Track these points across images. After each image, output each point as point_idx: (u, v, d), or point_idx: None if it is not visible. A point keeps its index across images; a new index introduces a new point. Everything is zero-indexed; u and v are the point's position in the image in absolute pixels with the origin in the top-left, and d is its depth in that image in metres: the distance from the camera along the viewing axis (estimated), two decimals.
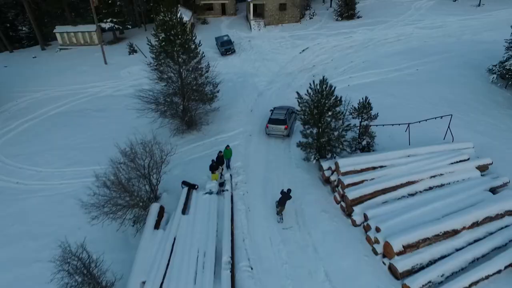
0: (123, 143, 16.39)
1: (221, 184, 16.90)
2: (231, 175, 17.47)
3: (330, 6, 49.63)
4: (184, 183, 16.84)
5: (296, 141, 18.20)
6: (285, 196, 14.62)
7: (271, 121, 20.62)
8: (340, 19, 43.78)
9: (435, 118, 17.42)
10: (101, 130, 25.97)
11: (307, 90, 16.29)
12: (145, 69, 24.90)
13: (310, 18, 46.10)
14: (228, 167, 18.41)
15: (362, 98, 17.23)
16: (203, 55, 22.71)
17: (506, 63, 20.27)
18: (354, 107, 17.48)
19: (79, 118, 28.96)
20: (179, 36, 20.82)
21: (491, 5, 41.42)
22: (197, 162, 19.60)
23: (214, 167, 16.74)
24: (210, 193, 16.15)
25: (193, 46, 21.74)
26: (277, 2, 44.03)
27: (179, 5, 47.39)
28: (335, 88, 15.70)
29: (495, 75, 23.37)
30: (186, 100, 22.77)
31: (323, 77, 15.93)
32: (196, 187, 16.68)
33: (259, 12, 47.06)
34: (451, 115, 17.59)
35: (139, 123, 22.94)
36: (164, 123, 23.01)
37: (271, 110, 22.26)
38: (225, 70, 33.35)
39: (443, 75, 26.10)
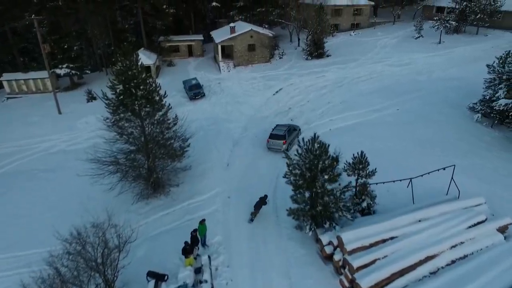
0: (74, 214, 12.76)
1: (198, 270, 13.44)
2: (209, 257, 14.08)
3: (298, 45, 49.68)
4: (150, 274, 13.20)
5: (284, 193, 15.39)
6: (261, 201, 16.53)
7: (272, 136, 22.81)
8: (310, 58, 43.44)
9: (438, 170, 15.49)
10: (49, 197, 21.70)
11: (297, 150, 13.82)
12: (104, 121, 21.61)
13: (280, 58, 45.48)
14: (204, 244, 15.06)
15: (358, 153, 15.03)
16: (170, 107, 19.87)
17: (494, 103, 19.33)
18: (349, 163, 15.19)
19: (24, 181, 24.47)
20: (141, 87, 18.02)
21: (449, 43, 43.03)
22: (166, 237, 16.08)
23: (187, 250, 13.35)
24: (184, 286, 12.63)
25: (157, 97, 18.93)
26: (246, 43, 43.09)
27: (142, 48, 45.25)
28: (329, 145, 13.34)
29: (479, 114, 22.55)
30: (152, 158, 19.54)
31: (315, 134, 13.58)
32: (166, 278, 13.11)
33: (227, 53, 45.85)
34: (454, 165, 15.81)
35: (95, 190, 19.19)
36: (126, 187, 19.40)
37: (273, 128, 23.92)
38: (195, 116, 30.75)
39: (424, 115, 25.10)
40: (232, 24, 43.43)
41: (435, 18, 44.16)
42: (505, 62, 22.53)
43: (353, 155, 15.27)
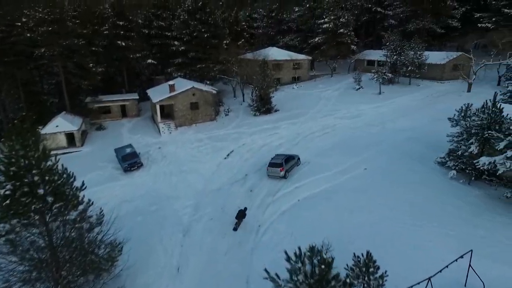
0: None
1: None
2: None
3: (243, 101, 47.53)
4: None
5: None
6: (242, 213, 19.36)
7: (270, 164, 24.78)
8: (258, 114, 41.03)
9: (456, 260, 12.20)
10: None
11: (286, 269, 9.33)
12: None
13: (226, 115, 42.35)
14: None
15: (362, 254, 11.08)
16: (91, 202, 14.24)
17: (479, 163, 17.60)
18: (351, 268, 11.11)
19: None
20: (46, 179, 12.40)
21: (389, 93, 44.57)
22: None
23: None
24: None
25: (69, 191, 13.30)
26: (188, 101, 39.31)
27: (64, 112, 38.60)
28: (333, 260, 9.13)
29: (454, 171, 20.91)
30: (62, 278, 13.27)
31: (313, 247, 9.30)
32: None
33: (167, 112, 41.40)
34: (471, 250, 12.71)
35: None
36: None
37: (272, 157, 26.03)
38: (131, 195, 24.85)
39: (396, 175, 22.92)
40: (171, 82, 39.66)
41: (373, 71, 45.90)
42: (466, 115, 21.79)
43: (355, 255, 11.29)
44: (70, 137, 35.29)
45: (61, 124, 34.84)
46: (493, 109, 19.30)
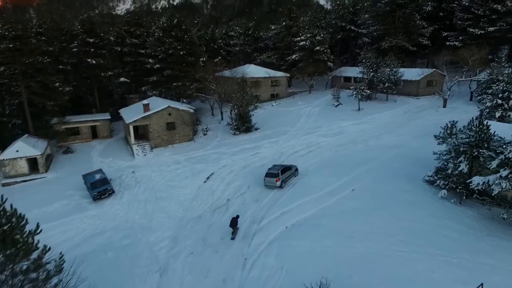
0: None
1: None
2: None
3: (222, 119, 46.10)
4: None
5: None
6: (235, 220, 19.96)
7: (267, 174, 25.03)
8: (237, 133, 39.62)
9: None
10: None
11: None
12: None
13: (204, 135, 40.60)
14: None
15: None
16: (48, 248, 11.99)
17: (472, 183, 16.93)
18: None
19: None
20: None
21: (368, 110, 44.69)
22: None
23: None
24: None
25: (18, 237, 11.07)
26: (164, 121, 37.32)
27: (26, 135, 35.42)
28: None
29: (444, 191, 20.24)
30: None
31: None
32: None
33: (142, 133, 39.15)
34: (482, 284, 11.59)
35: None
36: None
37: (269, 168, 26.27)
38: (101, 226, 22.41)
39: (384, 194, 22.02)
40: (145, 101, 37.59)
41: (352, 88, 46.05)
42: (452, 133, 21.41)
43: None
44: (32, 162, 32.15)
45: (21, 149, 31.71)
46: (480, 126, 18.93)
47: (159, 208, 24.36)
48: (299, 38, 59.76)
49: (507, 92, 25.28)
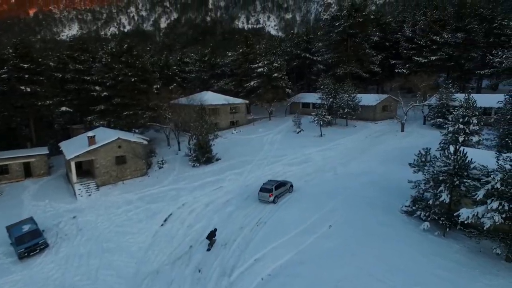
0: None
1: None
2: None
3: (179, 150, 42.65)
4: None
5: None
6: (212, 233, 20.63)
7: (261, 189, 25.78)
8: (197, 164, 36.45)
9: None
10: None
11: None
12: None
13: (160, 168, 36.80)
14: None
15: None
16: None
17: (461, 216, 15.73)
18: None
19: None
20: None
21: (330, 135, 44.29)
22: None
23: None
24: None
25: None
26: (112, 154, 33.09)
27: None
28: None
29: (427, 223, 19.01)
30: None
31: None
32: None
33: (86, 168, 34.31)
34: None
35: None
36: None
37: (264, 182, 26.85)
38: None
39: (364, 230, 20.30)
40: (90, 133, 33.14)
41: (313, 114, 45.62)
42: (426, 160, 20.66)
43: None
44: None
45: None
46: (458, 154, 18.24)
47: (106, 263, 20.13)
48: (256, 65, 59.32)
49: (467, 117, 25.70)
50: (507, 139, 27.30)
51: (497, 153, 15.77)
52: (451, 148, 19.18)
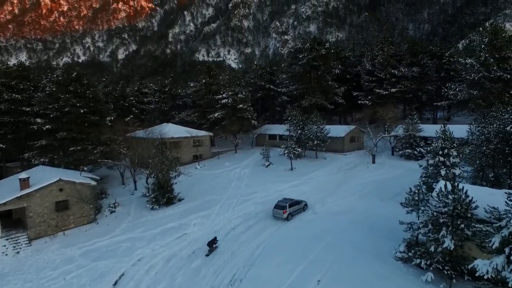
0: None
1: None
2: None
3: (135, 189, 37.72)
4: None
5: None
6: (213, 241, 22.75)
7: (276, 206, 27.01)
8: (157, 207, 31.86)
9: None
10: None
11: None
12: None
13: (112, 212, 31.64)
14: None
15: None
16: None
17: (478, 270, 13.32)
18: None
19: None
20: None
21: (301, 169, 42.04)
22: None
23: None
24: None
25: None
26: (52, 200, 27.61)
27: None
28: None
29: (430, 274, 16.48)
30: None
31: None
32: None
33: (17, 218, 28.18)
34: None
35: None
36: None
37: (279, 200, 28.06)
38: None
39: (360, 284, 17.20)
40: (23, 175, 27.45)
41: (282, 146, 43.36)
42: (419, 199, 18.61)
43: None
44: None
45: None
46: (458, 193, 16.31)
47: None
48: (220, 95, 56.98)
49: (446, 149, 24.68)
50: (483, 172, 26.72)
51: (507, 193, 14.01)
52: (441, 184, 17.34)
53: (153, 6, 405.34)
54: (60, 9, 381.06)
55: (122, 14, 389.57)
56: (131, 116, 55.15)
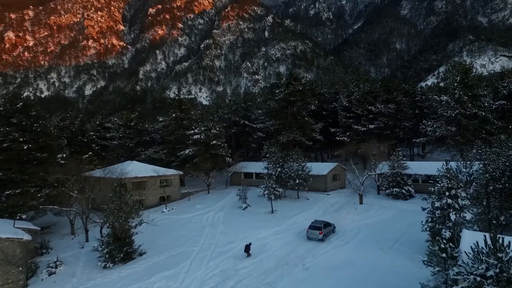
0: None
1: None
2: None
3: (86, 241, 31.21)
4: None
5: None
6: (248, 246, 25.55)
7: (311, 227, 28.40)
8: (111, 264, 25.71)
9: None
10: None
11: None
12: None
13: (51, 274, 24.96)
14: None
15: None
16: None
17: None
18: None
19: None
20: None
21: (283, 211, 37.69)
22: None
23: None
24: None
25: None
26: None
27: None
28: None
29: None
30: None
31: None
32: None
33: None
34: None
35: None
36: None
37: (311, 222, 29.24)
38: None
39: None
40: None
41: (262, 186, 38.93)
42: (448, 255, 14.75)
43: None
44: None
45: None
46: (501, 247, 12.65)
47: None
48: (192, 131, 52.63)
49: (453, 190, 21.62)
50: (491, 214, 23.80)
51: None
52: (468, 235, 13.72)
53: (125, 45, 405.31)
54: (25, 44, 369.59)
55: (92, 51, 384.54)
56: (90, 153, 48.80)
